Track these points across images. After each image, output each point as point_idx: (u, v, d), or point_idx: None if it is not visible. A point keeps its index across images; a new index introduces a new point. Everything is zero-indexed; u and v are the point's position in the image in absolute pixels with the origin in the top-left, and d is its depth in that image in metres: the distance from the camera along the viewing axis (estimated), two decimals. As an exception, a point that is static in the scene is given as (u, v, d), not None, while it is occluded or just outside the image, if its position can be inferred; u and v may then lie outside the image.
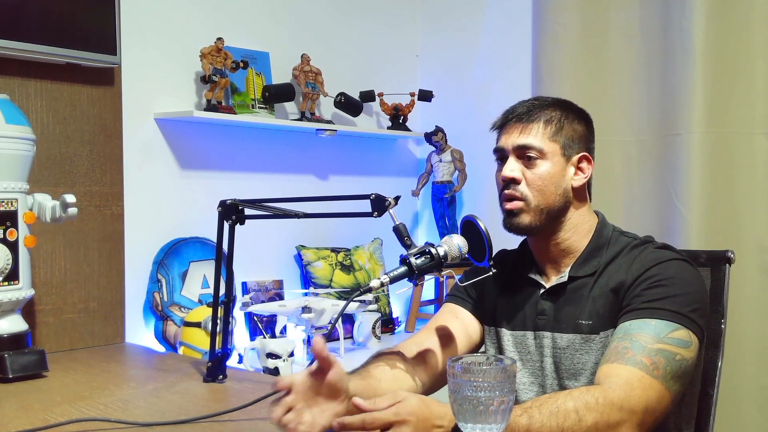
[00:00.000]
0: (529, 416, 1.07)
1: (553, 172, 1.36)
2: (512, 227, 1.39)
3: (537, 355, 1.41)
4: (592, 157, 1.42)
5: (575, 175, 1.39)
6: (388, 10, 3.22)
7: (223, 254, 1.64)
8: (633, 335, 1.23)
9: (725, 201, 2.29)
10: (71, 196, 1.68)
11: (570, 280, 1.39)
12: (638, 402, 1.14)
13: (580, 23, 2.59)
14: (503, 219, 1.40)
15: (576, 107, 1.44)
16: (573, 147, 1.38)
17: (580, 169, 1.40)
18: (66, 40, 1.93)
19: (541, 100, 1.42)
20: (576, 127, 1.40)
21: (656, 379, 1.17)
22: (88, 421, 1.31)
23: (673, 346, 1.21)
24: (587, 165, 1.41)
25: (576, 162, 1.39)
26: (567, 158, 1.38)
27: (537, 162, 1.36)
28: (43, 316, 1.96)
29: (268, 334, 2.55)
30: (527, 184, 1.36)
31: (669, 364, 1.19)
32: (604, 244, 1.39)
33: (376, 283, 1.25)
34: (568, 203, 1.39)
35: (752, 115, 2.26)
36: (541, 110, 1.39)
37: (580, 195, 1.41)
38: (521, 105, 1.41)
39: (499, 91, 3.04)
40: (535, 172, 1.36)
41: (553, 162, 1.36)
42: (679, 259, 1.33)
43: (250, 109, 2.63)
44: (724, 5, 2.28)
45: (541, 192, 1.36)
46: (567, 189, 1.38)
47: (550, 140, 1.37)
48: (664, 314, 1.24)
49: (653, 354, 1.19)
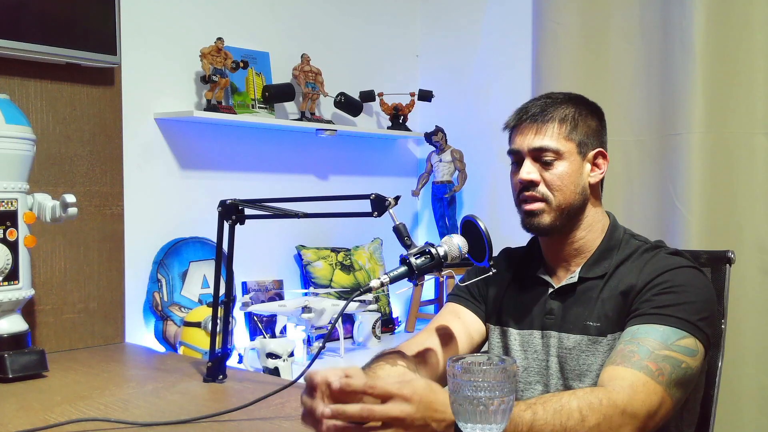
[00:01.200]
0: (533, 412, 1.07)
1: (570, 171, 1.36)
2: (533, 227, 1.38)
3: (543, 355, 1.41)
4: (606, 152, 1.42)
5: (592, 172, 1.39)
6: (388, 10, 3.22)
7: (223, 254, 1.64)
8: (640, 339, 1.22)
9: (725, 201, 2.29)
10: (71, 196, 1.68)
11: (580, 281, 1.38)
12: (641, 406, 1.14)
13: (580, 23, 2.59)
14: (522, 219, 1.39)
15: (588, 101, 1.44)
16: (588, 144, 1.38)
17: (596, 165, 1.40)
18: (66, 40, 1.93)
19: (554, 97, 1.41)
20: (590, 123, 1.40)
21: (660, 384, 1.17)
22: (88, 421, 1.31)
23: (679, 354, 1.21)
24: (603, 161, 1.40)
25: (592, 159, 1.39)
26: (583, 156, 1.38)
27: (554, 163, 1.35)
28: (43, 316, 1.96)
29: (268, 334, 2.55)
30: (546, 185, 1.36)
31: (674, 371, 1.19)
32: (615, 245, 1.39)
33: (376, 283, 1.25)
34: (586, 200, 1.39)
35: (752, 115, 2.26)
36: (555, 108, 1.38)
37: (596, 192, 1.41)
38: (534, 104, 1.40)
39: (499, 91, 3.04)
40: (554, 173, 1.35)
41: (570, 161, 1.36)
42: (691, 266, 1.32)
43: (250, 109, 2.63)
44: (724, 5, 2.28)
45: (561, 191, 1.35)
46: (585, 186, 1.38)
47: (565, 140, 1.36)
48: (673, 321, 1.23)
49: (659, 360, 1.19)
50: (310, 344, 2.57)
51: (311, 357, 1.84)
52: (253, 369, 2.23)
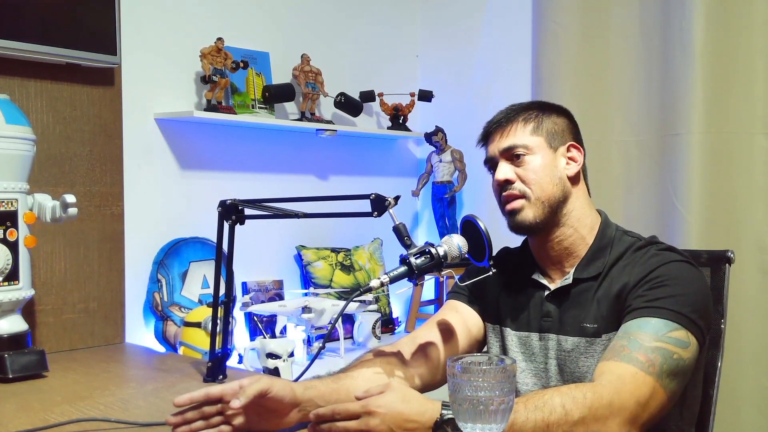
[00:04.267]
0: (514, 411, 1.05)
1: (543, 164, 1.37)
2: (516, 226, 1.39)
3: (542, 357, 1.40)
4: (581, 147, 1.43)
5: (567, 165, 1.40)
6: (388, 10, 3.22)
7: (223, 254, 1.64)
8: (632, 334, 1.22)
9: (725, 201, 2.29)
10: (71, 196, 1.68)
11: (575, 283, 1.38)
12: (629, 398, 1.14)
13: (580, 23, 2.59)
14: (507, 222, 1.40)
15: (552, 104, 1.47)
16: (557, 138, 1.40)
17: (571, 159, 1.41)
18: (66, 40, 1.93)
19: (516, 104, 1.45)
20: (555, 120, 1.42)
21: (650, 375, 1.17)
22: (88, 421, 1.31)
23: (671, 345, 1.20)
24: (577, 153, 1.42)
25: (564, 152, 1.40)
26: (554, 149, 1.39)
27: (525, 158, 1.38)
28: (43, 316, 1.96)
29: (268, 334, 2.55)
30: (522, 180, 1.37)
31: (666, 362, 1.19)
32: (607, 244, 1.39)
33: (376, 283, 1.25)
34: (567, 193, 1.39)
35: (752, 115, 2.26)
36: (518, 112, 1.42)
37: (579, 186, 1.42)
38: (498, 114, 1.44)
39: (499, 91, 3.04)
40: (527, 168, 1.37)
41: (542, 155, 1.38)
42: (683, 260, 1.32)
43: (250, 109, 2.63)
44: (724, 5, 2.28)
45: (537, 184, 1.36)
46: (563, 179, 1.39)
47: (532, 135, 1.39)
48: (665, 313, 1.23)
49: (650, 352, 1.19)
50: (310, 344, 2.57)
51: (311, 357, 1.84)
52: (253, 369, 2.23)
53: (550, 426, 1.08)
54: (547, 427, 1.08)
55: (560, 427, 1.08)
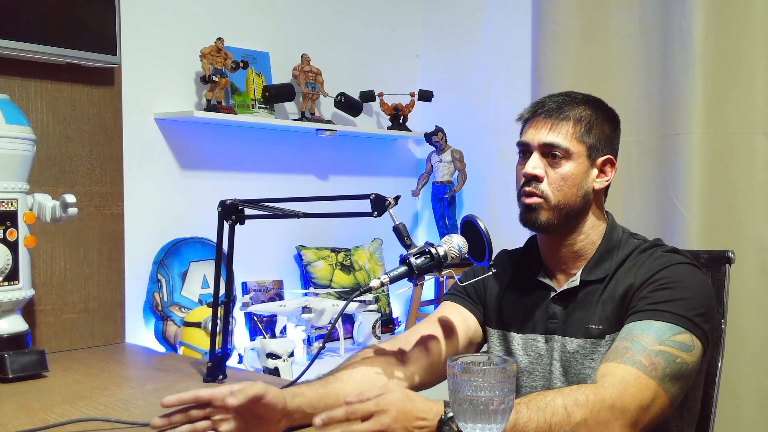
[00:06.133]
0: (516, 411, 1.05)
1: (576, 173, 1.34)
2: (529, 223, 1.37)
3: (547, 359, 1.39)
4: (616, 161, 1.40)
5: (597, 178, 1.37)
6: (388, 10, 3.22)
7: (223, 254, 1.64)
8: (635, 336, 1.22)
9: (725, 201, 2.29)
10: (71, 196, 1.68)
11: (581, 285, 1.37)
12: (631, 401, 1.13)
13: (580, 23, 2.59)
14: (520, 213, 1.38)
15: (606, 107, 1.42)
16: (599, 149, 1.36)
17: (603, 172, 1.38)
18: (66, 40, 1.93)
19: (573, 96, 1.39)
20: (605, 128, 1.38)
21: (653, 379, 1.17)
22: (88, 421, 1.31)
23: (674, 349, 1.20)
24: (610, 169, 1.39)
25: (600, 165, 1.37)
26: (592, 160, 1.36)
27: (561, 162, 1.33)
28: (43, 316, 1.96)
29: (268, 334, 2.55)
30: (549, 182, 1.34)
31: (668, 366, 1.18)
32: (614, 246, 1.38)
33: (376, 283, 1.25)
34: (588, 206, 1.37)
35: (752, 115, 2.26)
36: (572, 108, 1.36)
37: (599, 199, 1.40)
38: (551, 100, 1.38)
39: (499, 91, 3.04)
40: (559, 172, 1.34)
41: (578, 163, 1.34)
42: (688, 263, 1.32)
43: (250, 109, 2.63)
44: (724, 5, 2.28)
45: (562, 192, 1.33)
46: (588, 191, 1.36)
47: (577, 141, 1.34)
48: (669, 317, 1.23)
49: (653, 355, 1.18)
50: (310, 344, 2.57)
51: (311, 357, 1.84)
52: (253, 369, 2.23)
53: (552, 427, 1.08)
54: (549, 428, 1.08)
55: (562, 428, 1.08)
